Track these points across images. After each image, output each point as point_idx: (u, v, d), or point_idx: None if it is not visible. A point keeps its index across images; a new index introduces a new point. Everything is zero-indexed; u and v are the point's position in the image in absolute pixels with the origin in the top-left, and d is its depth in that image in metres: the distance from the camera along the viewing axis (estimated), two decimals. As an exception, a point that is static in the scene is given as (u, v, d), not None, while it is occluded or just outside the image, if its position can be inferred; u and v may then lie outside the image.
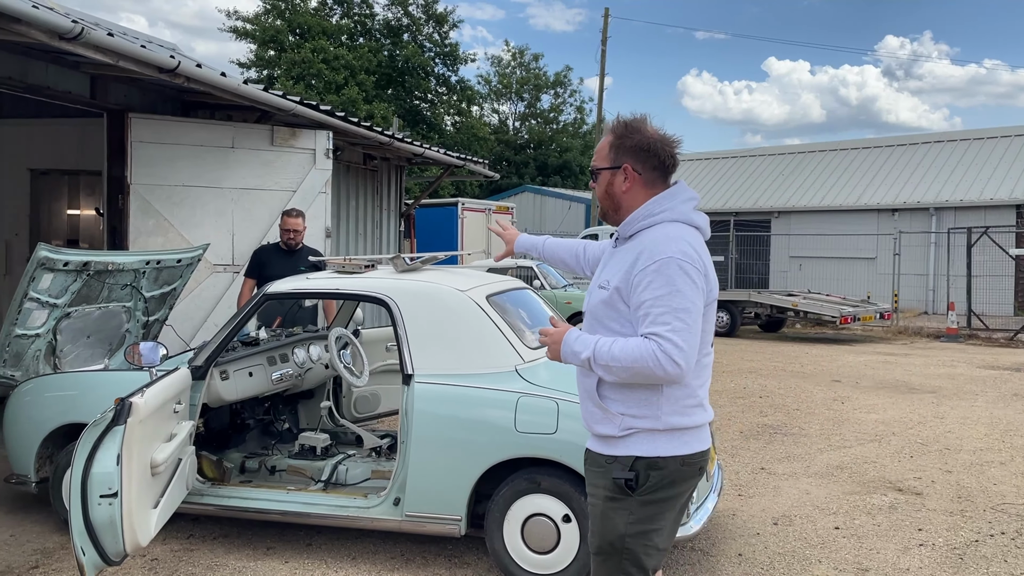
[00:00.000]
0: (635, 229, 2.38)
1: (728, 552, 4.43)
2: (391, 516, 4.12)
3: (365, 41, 36.76)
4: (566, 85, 46.02)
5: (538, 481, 3.92)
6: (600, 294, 2.39)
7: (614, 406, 2.35)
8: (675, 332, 2.18)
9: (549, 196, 31.21)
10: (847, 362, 12.31)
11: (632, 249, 2.34)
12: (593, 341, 2.31)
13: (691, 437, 2.37)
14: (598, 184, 2.46)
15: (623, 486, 2.31)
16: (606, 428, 2.36)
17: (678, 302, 2.20)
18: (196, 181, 7.10)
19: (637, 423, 2.32)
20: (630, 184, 2.40)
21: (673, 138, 2.42)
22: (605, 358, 2.25)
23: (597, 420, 2.39)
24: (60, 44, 4.68)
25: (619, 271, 2.34)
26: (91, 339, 5.57)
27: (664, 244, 2.27)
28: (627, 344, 2.24)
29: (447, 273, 4.66)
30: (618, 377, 2.26)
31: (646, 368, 2.19)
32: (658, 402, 2.31)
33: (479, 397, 4.00)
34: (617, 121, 2.43)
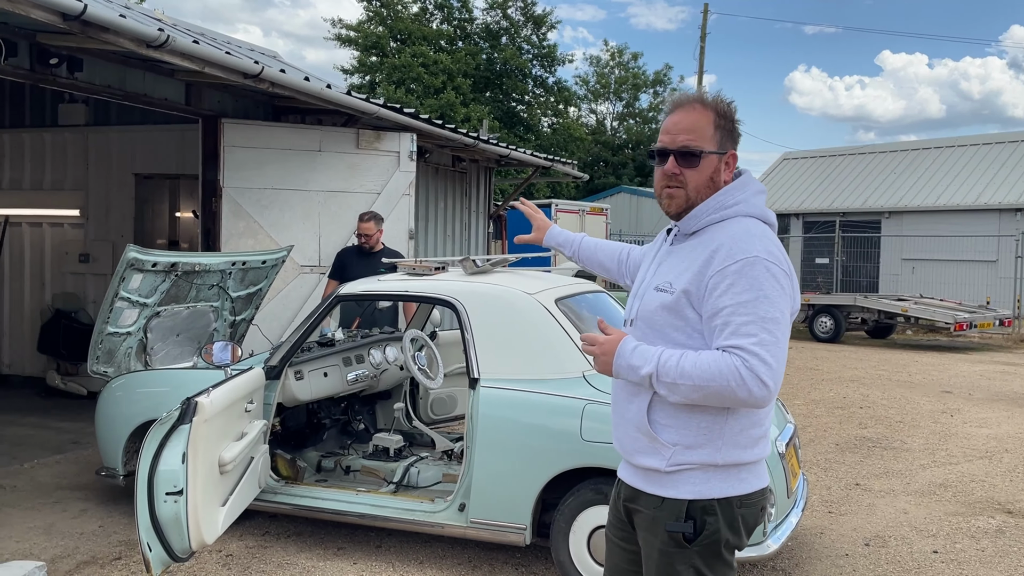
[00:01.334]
0: (701, 224, 2.04)
1: (812, 574, 4.16)
2: (456, 522, 4.06)
3: (464, 45, 37.15)
4: (666, 84, 45.24)
5: (605, 492, 3.77)
6: (659, 298, 2.03)
7: (666, 434, 2.00)
8: (763, 346, 1.85)
9: (646, 197, 30.70)
10: (960, 372, 11.56)
11: (702, 246, 2.01)
12: (655, 354, 1.96)
13: (749, 473, 2.03)
14: (699, 170, 2.04)
15: (680, 540, 1.98)
16: (650, 460, 2.02)
17: (765, 310, 1.88)
18: (284, 184, 7.26)
19: (690, 456, 1.98)
20: (729, 175, 2.08)
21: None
22: (672, 374, 1.91)
23: (641, 449, 2.05)
24: (148, 52, 4.84)
25: (686, 272, 2.00)
26: (180, 337, 5.75)
27: (746, 241, 1.95)
28: (700, 359, 1.90)
29: (517, 275, 4.57)
30: (685, 398, 1.93)
31: (726, 389, 1.86)
32: (720, 431, 1.97)
33: (545, 403, 3.89)
34: (716, 97, 2.08)
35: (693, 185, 2.06)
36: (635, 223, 29.20)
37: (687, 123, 2.05)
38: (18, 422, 7.13)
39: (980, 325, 14.62)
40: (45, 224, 9.09)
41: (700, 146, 2.03)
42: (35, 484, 5.48)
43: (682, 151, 2.04)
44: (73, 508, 5.04)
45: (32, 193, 8.99)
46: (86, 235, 8.88)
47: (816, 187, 26.05)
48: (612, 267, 2.65)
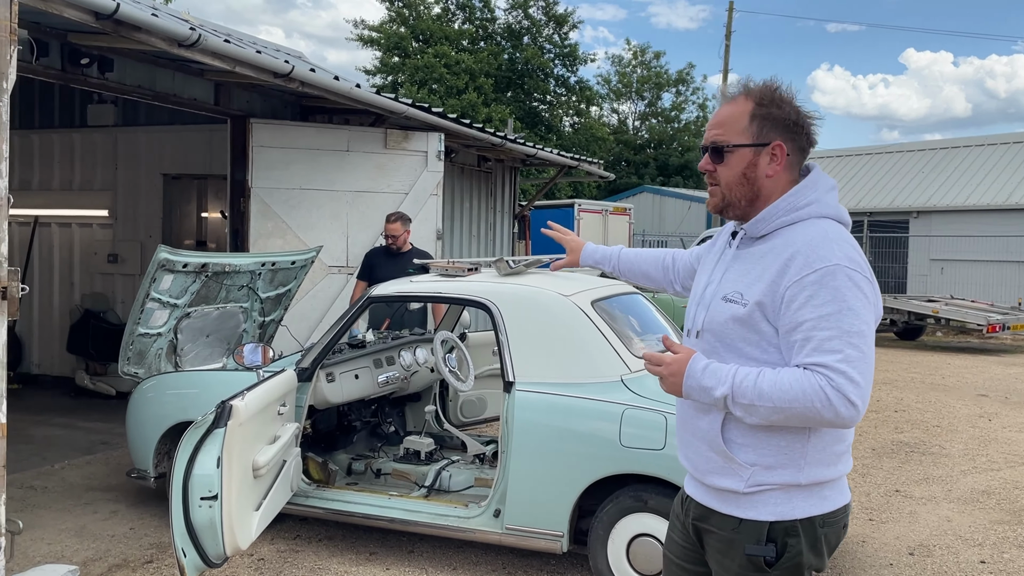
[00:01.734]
0: (772, 227, 1.89)
1: (856, 584, 4.06)
2: (491, 528, 3.99)
3: (486, 45, 37.13)
4: (688, 83, 45.00)
5: (645, 499, 3.69)
6: (729, 309, 1.88)
7: (743, 454, 1.86)
8: (849, 363, 1.71)
9: (668, 196, 30.53)
10: (995, 374, 11.34)
11: (774, 253, 1.85)
12: (730, 373, 1.81)
13: (831, 490, 1.89)
14: (728, 165, 1.92)
15: (761, 565, 1.86)
16: (727, 481, 1.88)
17: (850, 323, 1.73)
18: (312, 184, 7.23)
19: (771, 477, 1.84)
20: (778, 168, 1.91)
21: (812, 112, 1.96)
22: (749, 395, 1.77)
23: (716, 470, 1.90)
24: (179, 51, 4.81)
25: (758, 281, 1.85)
26: (210, 338, 5.73)
27: (825, 247, 1.79)
28: (780, 378, 1.76)
29: (552, 277, 4.48)
30: (765, 420, 1.79)
31: (810, 410, 1.72)
32: (803, 450, 1.83)
33: (582, 408, 3.81)
34: (760, 85, 1.92)
35: (725, 182, 1.94)
36: (658, 223, 29.01)
37: (720, 117, 1.95)
38: (48, 422, 7.15)
39: (1013, 327, 14.34)
40: (74, 224, 9.14)
41: (726, 140, 1.92)
42: (66, 485, 5.48)
43: (710, 146, 1.95)
44: (104, 510, 5.03)
45: (61, 193, 9.04)
46: (115, 235, 8.91)
47: (842, 186, 25.73)
48: (657, 275, 2.51)
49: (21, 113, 9.05)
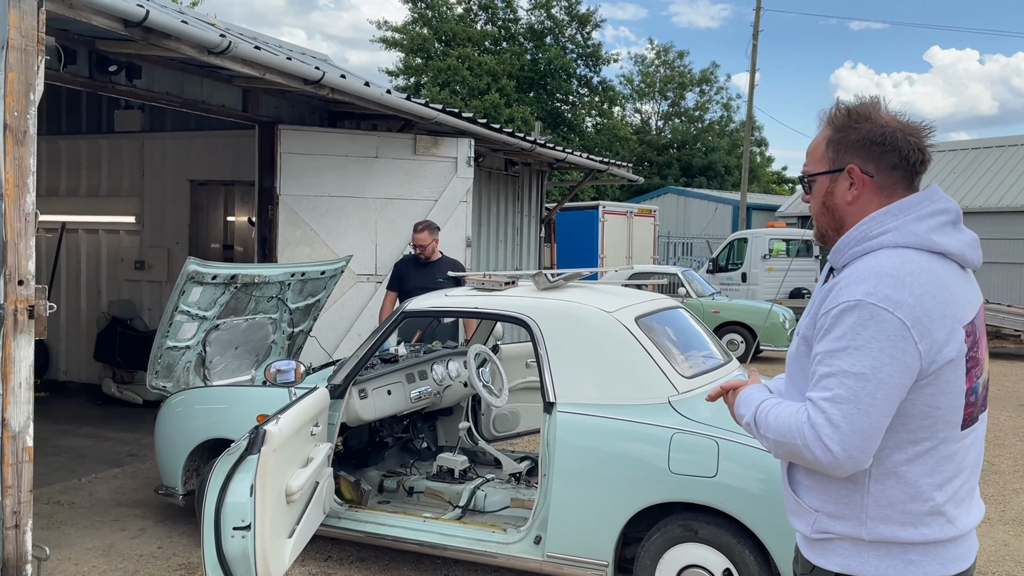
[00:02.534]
0: (845, 258, 1.75)
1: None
2: (531, 555, 3.83)
3: (509, 46, 37.00)
4: (712, 82, 44.58)
5: (695, 529, 3.52)
6: (792, 344, 1.85)
7: (808, 496, 1.77)
8: (834, 403, 1.60)
9: (693, 198, 30.23)
10: (1036, 383, 11.02)
11: (830, 286, 1.75)
12: (757, 402, 1.80)
13: (921, 556, 1.68)
14: (813, 196, 1.85)
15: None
16: (800, 524, 1.80)
17: (850, 362, 1.60)
18: (341, 191, 7.11)
19: (834, 526, 1.72)
20: (858, 192, 1.76)
21: (920, 125, 1.78)
22: (763, 426, 1.74)
23: (791, 510, 1.84)
24: (209, 58, 4.70)
25: (811, 313, 1.79)
26: (239, 350, 5.62)
27: (863, 281, 1.65)
28: (782, 411, 1.72)
29: (593, 291, 4.32)
30: (777, 455, 1.76)
31: (795, 447, 1.65)
32: (861, 501, 1.69)
33: (628, 431, 3.64)
34: (837, 109, 1.81)
35: (814, 214, 1.87)
36: (683, 224, 28.72)
37: (808, 149, 1.87)
38: (75, 432, 7.08)
39: (1052, 333, 13.97)
40: (101, 231, 9.09)
41: (808, 171, 1.86)
42: (93, 500, 5.39)
43: (802, 179, 1.89)
44: (132, 527, 4.93)
45: (88, 200, 9.00)
46: (142, 242, 8.85)
47: (872, 188, 25.31)
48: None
49: (48, 119, 9.02)
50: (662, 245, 24.51)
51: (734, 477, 3.42)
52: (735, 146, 43.51)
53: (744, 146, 25.46)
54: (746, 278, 18.05)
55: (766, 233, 18.60)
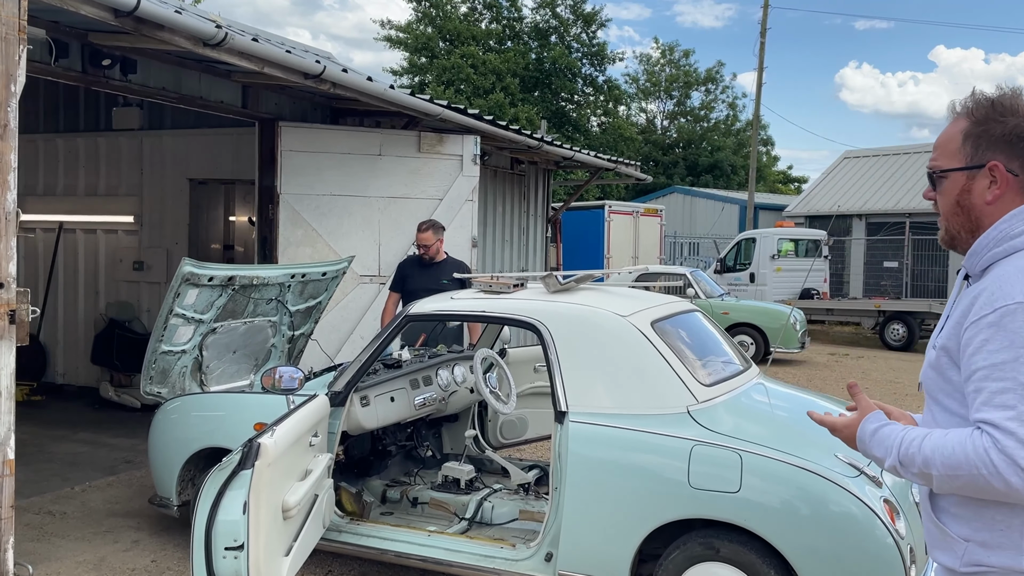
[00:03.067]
0: (985, 261, 1.62)
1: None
2: (541, 573, 3.63)
3: (513, 45, 36.82)
4: (718, 81, 44.34)
5: (716, 547, 3.31)
6: (928, 356, 1.69)
7: (956, 527, 1.60)
8: (1022, 421, 1.44)
9: (700, 197, 29.97)
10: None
11: (974, 291, 1.61)
12: (896, 440, 1.60)
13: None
14: (942, 193, 1.70)
15: None
16: (946, 557, 1.63)
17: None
18: (343, 190, 6.92)
19: (988, 557, 1.55)
20: (1000, 191, 1.62)
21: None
22: (917, 463, 1.55)
23: (935, 542, 1.67)
24: (204, 51, 4.51)
25: (951, 323, 1.63)
26: (237, 354, 5.43)
27: (1012, 283, 1.52)
28: (946, 441, 1.52)
29: (605, 294, 4.12)
30: (938, 488, 1.57)
31: (977, 478, 1.46)
32: (1021, 527, 1.53)
33: (645, 443, 3.44)
34: (978, 99, 1.66)
35: (942, 212, 1.72)
36: (689, 224, 28.48)
37: (938, 140, 1.73)
38: (71, 437, 6.90)
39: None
40: (99, 231, 8.91)
41: (938, 166, 1.71)
42: (86, 510, 5.20)
43: (931, 174, 1.73)
44: (125, 539, 4.74)
45: (86, 199, 8.82)
46: (140, 242, 8.66)
47: (879, 187, 25.08)
48: None
49: (45, 116, 8.85)
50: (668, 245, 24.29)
51: (759, 492, 3.21)
52: (741, 145, 43.25)
53: (752, 145, 25.23)
54: (754, 278, 17.82)
55: (774, 233, 18.38)
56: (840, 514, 3.13)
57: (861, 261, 24.31)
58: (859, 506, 3.13)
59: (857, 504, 3.13)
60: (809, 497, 3.17)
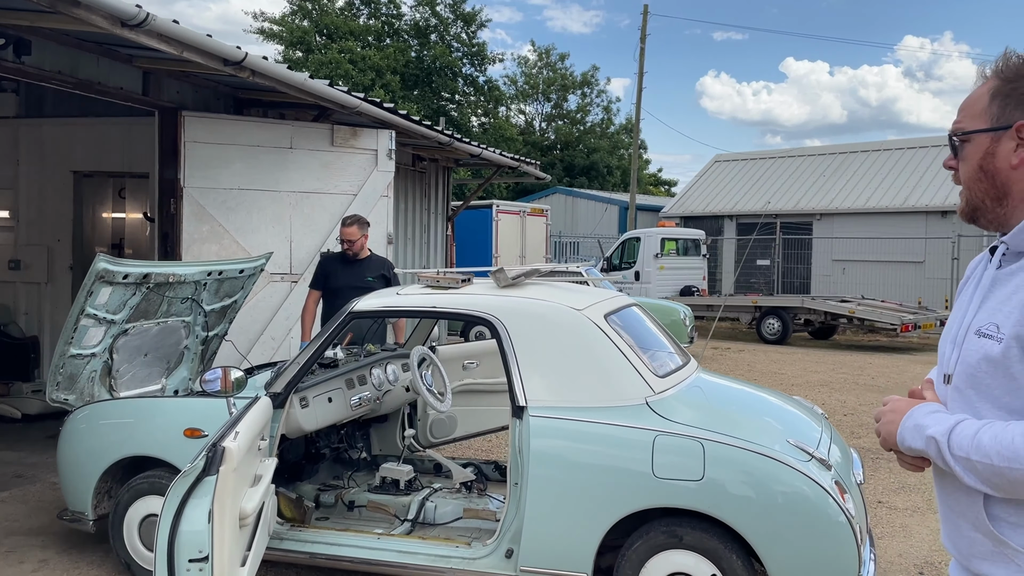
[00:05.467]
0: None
1: (881, 610, 3.87)
2: (503, 570, 3.59)
3: (392, 42, 36.41)
4: (593, 85, 45.44)
5: (679, 535, 3.38)
6: (982, 346, 1.46)
7: (1015, 536, 1.44)
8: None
9: (581, 198, 30.61)
10: (917, 373, 11.66)
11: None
12: (953, 419, 1.47)
13: None
14: (964, 159, 1.55)
15: None
16: (998, 570, 1.47)
17: None
18: (252, 184, 6.62)
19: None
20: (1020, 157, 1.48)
21: None
22: (966, 447, 1.41)
23: (981, 554, 1.50)
24: (123, 32, 4.20)
25: (1015, 308, 1.44)
26: (148, 357, 5.10)
27: None
28: (1007, 430, 1.38)
29: (556, 289, 4.13)
30: (983, 482, 1.42)
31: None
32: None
33: (608, 435, 3.47)
34: (1009, 57, 1.52)
35: (964, 180, 1.56)
36: (571, 224, 29.04)
37: (963, 104, 1.58)
38: (-56, 453, 6.28)
39: (924, 326, 14.89)
40: (-32, 227, 8.16)
41: (961, 127, 1.55)
42: (-20, 530, 4.74)
43: (953, 136, 1.57)
44: (31, 558, 4.35)
45: (-48, 192, 8.05)
46: (16, 239, 7.98)
47: (751, 188, 26.40)
48: None
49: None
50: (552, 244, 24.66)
51: (721, 480, 3.30)
52: (615, 147, 44.50)
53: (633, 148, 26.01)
54: (639, 276, 18.36)
55: (658, 232, 19.01)
56: (796, 495, 3.26)
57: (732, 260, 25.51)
58: (813, 487, 3.27)
59: (811, 485, 3.27)
60: (768, 481, 3.29)
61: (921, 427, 1.49)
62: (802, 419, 3.95)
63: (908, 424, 1.52)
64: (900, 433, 1.52)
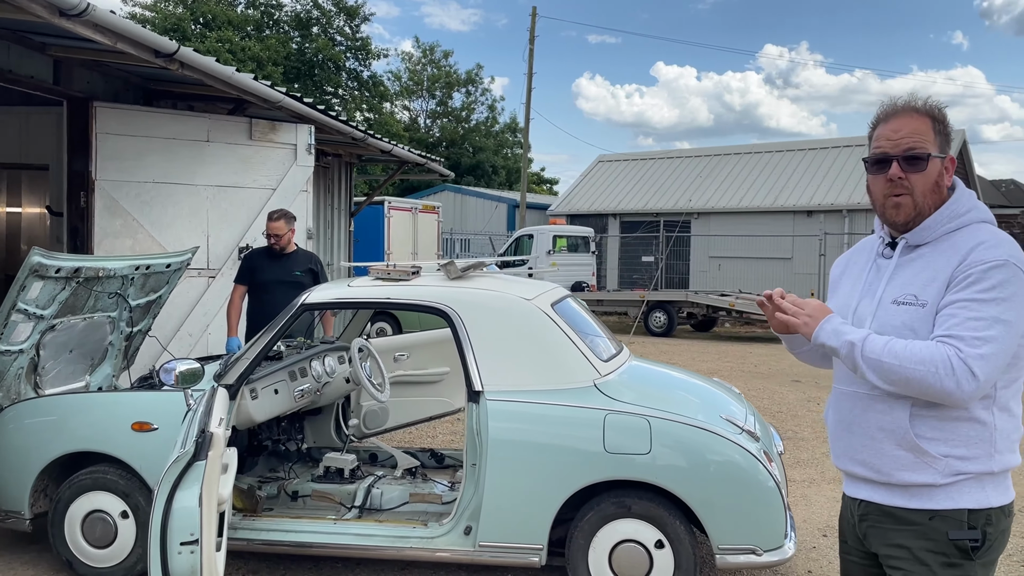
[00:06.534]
0: (936, 235, 1.98)
1: (797, 570, 4.31)
2: (461, 547, 3.79)
3: (272, 32, 35.51)
4: (477, 83, 45.79)
5: (628, 505, 3.68)
6: (908, 313, 1.93)
7: (934, 447, 1.91)
8: (983, 342, 1.80)
9: (470, 196, 30.89)
10: (794, 361, 12.56)
11: (946, 255, 1.94)
12: (865, 331, 1.93)
13: (1009, 480, 1.97)
14: (926, 173, 1.98)
15: (968, 550, 1.89)
16: (922, 476, 1.92)
17: (1000, 311, 1.83)
18: (168, 177, 6.50)
19: (967, 466, 1.89)
20: (950, 179, 2.01)
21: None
22: (878, 351, 1.87)
23: (905, 466, 1.94)
24: (60, 21, 4.11)
25: (933, 281, 1.92)
26: (73, 354, 4.99)
27: (998, 246, 1.90)
28: (912, 344, 1.86)
29: (504, 280, 4.36)
30: (884, 380, 1.87)
31: (932, 375, 1.81)
32: (991, 437, 1.90)
33: (563, 416, 3.73)
34: (932, 104, 2.01)
35: (920, 190, 1.98)
36: (460, 221, 29.26)
37: (909, 128, 1.99)
38: None
39: (796, 318, 15.98)
40: None
41: (926, 149, 1.97)
42: None
43: (907, 156, 1.97)
44: (-41, 563, 4.20)
45: None
46: None
47: (633, 188, 27.41)
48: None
49: None
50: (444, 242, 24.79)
51: (666, 453, 3.62)
52: (501, 146, 45.03)
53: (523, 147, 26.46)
54: (532, 273, 18.80)
55: (550, 230, 19.52)
56: (731, 464, 3.62)
57: (617, 256, 26.45)
58: (745, 456, 3.64)
59: (744, 455, 3.64)
60: (706, 452, 3.63)
61: (839, 332, 1.95)
62: (727, 397, 4.34)
63: (827, 327, 1.97)
64: (816, 332, 1.98)
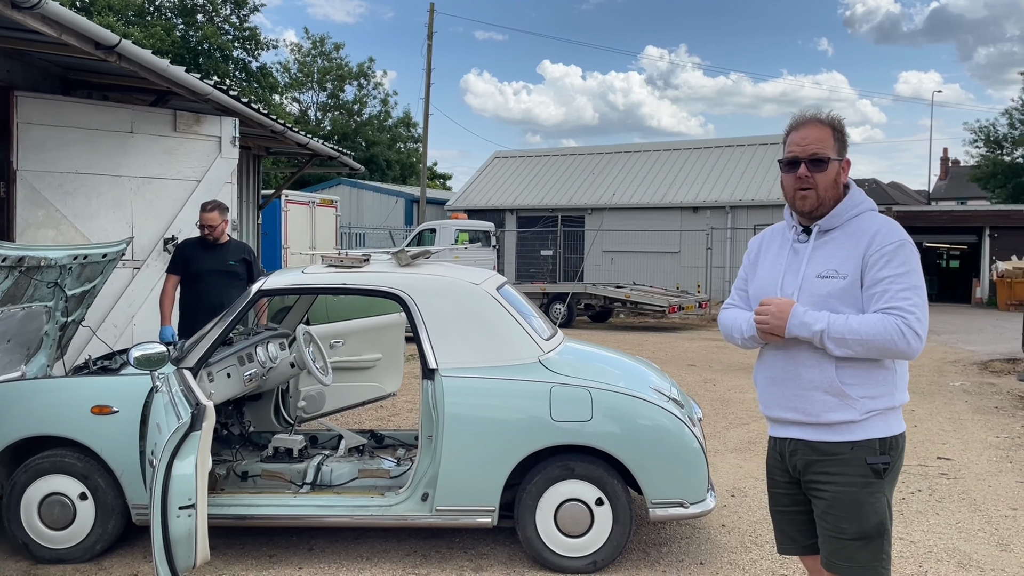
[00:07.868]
0: (842, 220, 2.50)
1: (712, 524, 4.83)
2: (419, 512, 4.11)
3: (155, 19, 34.22)
4: (370, 77, 45.47)
5: (572, 467, 4.08)
6: (829, 283, 2.44)
7: (855, 390, 2.41)
8: (917, 308, 2.34)
9: (366, 190, 30.77)
10: (687, 348, 13.39)
11: (855, 237, 2.45)
12: (824, 315, 2.39)
13: (901, 413, 2.51)
14: (827, 173, 2.49)
15: (880, 471, 2.40)
16: (844, 414, 2.42)
17: (915, 281, 2.38)
18: (91, 168, 6.47)
19: (877, 404, 2.41)
20: (846, 178, 2.55)
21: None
22: (841, 331, 2.35)
23: (831, 408, 2.44)
24: (12, 13, 4.14)
25: (850, 258, 2.43)
26: (11, 344, 4.98)
27: (894, 229, 2.44)
28: (865, 318, 2.35)
29: (451, 267, 4.68)
30: (852, 351, 2.36)
31: (888, 342, 2.31)
32: (894, 380, 2.44)
33: (511, 389, 4.10)
34: (832, 116, 2.54)
35: (822, 186, 2.51)
36: (357, 215, 29.15)
37: (813, 136, 2.52)
38: None
39: (686, 308, 16.94)
40: None
41: (826, 154, 2.50)
42: None
43: (812, 159, 2.50)
44: (-95, 553, 4.18)
45: None
46: None
47: (528, 185, 28.04)
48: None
49: None
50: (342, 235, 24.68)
51: (606, 420, 4.04)
52: (395, 140, 44.88)
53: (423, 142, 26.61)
54: (434, 266, 19.08)
55: (452, 224, 19.81)
56: (662, 428, 4.08)
57: (514, 251, 27.03)
58: (674, 421, 4.11)
59: (672, 420, 4.11)
60: (640, 419, 4.08)
61: (807, 324, 2.42)
62: (652, 371, 4.82)
63: (795, 322, 2.44)
64: (788, 327, 2.44)
